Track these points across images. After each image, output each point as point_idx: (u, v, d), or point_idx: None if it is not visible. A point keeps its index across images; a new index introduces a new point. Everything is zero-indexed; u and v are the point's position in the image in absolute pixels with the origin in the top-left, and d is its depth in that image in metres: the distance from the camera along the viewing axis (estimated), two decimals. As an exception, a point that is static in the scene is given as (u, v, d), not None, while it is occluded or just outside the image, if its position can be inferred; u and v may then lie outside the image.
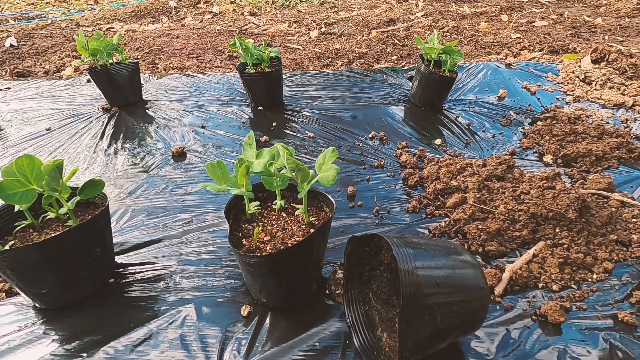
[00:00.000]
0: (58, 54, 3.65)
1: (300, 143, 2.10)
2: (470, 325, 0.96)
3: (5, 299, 1.24)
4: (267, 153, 1.09)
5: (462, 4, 5.04)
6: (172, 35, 4.12)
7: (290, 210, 1.21)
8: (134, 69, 2.51)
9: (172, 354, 1.05)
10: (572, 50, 3.27)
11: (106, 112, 2.49)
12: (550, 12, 4.55)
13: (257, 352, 1.05)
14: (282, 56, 3.39)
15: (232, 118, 2.37)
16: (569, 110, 2.29)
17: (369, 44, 3.64)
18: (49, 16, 5.16)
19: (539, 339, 1.07)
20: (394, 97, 2.58)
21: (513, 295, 1.21)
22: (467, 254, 0.99)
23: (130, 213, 1.60)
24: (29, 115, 2.49)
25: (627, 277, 1.25)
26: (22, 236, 1.17)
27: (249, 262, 1.04)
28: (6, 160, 2.04)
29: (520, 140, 2.08)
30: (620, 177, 1.75)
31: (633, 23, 3.94)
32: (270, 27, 4.38)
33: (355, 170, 1.85)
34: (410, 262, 0.86)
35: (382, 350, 1.02)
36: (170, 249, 1.41)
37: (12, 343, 1.10)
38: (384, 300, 1.12)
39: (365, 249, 1.13)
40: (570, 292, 1.20)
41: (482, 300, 0.94)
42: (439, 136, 2.13)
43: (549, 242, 1.36)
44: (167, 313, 1.17)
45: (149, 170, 1.90)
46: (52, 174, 1.08)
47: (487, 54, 3.33)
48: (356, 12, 4.86)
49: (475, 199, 1.53)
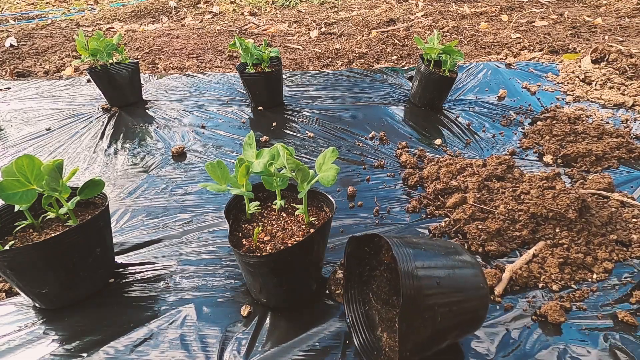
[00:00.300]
0: (58, 54, 3.65)
1: (300, 143, 2.10)
2: (470, 325, 0.96)
3: (5, 299, 1.24)
4: (267, 153, 1.09)
5: (462, 4, 5.04)
6: (172, 35, 4.12)
7: (290, 210, 1.21)
8: (134, 69, 2.51)
9: (172, 354, 1.05)
10: (572, 50, 3.27)
11: (106, 112, 2.49)
12: (550, 12, 4.56)
13: (257, 352, 1.05)
14: (282, 56, 3.39)
15: (232, 118, 2.37)
16: (569, 110, 2.29)
17: (369, 44, 3.64)
18: (49, 16, 5.16)
19: (539, 339, 1.07)
20: (394, 97, 2.58)
21: (513, 295, 1.21)
22: (467, 254, 0.99)
23: (130, 213, 1.60)
24: (29, 115, 2.49)
25: (627, 277, 1.25)
26: (22, 236, 1.17)
27: (249, 262, 1.04)
28: (6, 160, 2.04)
29: (520, 140, 2.08)
30: (620, 177, 1.75)
31: (633, 23, 3.94)
32: (270, 27, 4.38)
33: (355, 170, 1.85)
34: (410, 262, 0.86)
35: (382, 350, 1.02)
36: (170, 249, 1.41)
37: (12, 343, 1.10)
38: (384, 300, 1.12)
39: (365, 249, 1.13)
40: (570, 292, 1.20)
41: (482, 300, 0.94)
42: (439, 136, 2.13)
43: (549, 242, 1.36)
44: (167, 313, 1.17)
45: (149, 170, 1.90)
46: (52, 174, 1.08)
47: (487, 54, 3.33)
48: (356, 12, 4.86)
49: (475, 199, 1.53)
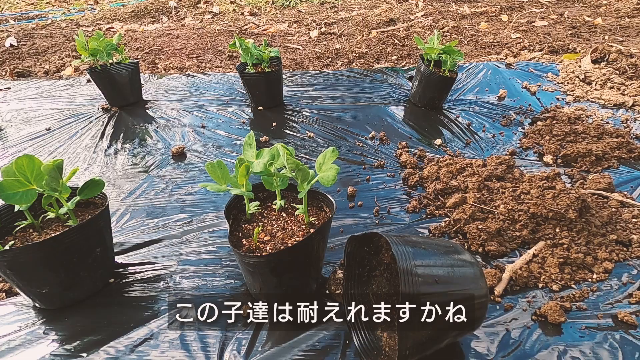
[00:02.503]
0: (58, 54, 3.65)
1: (300, 143, 2.10)
2: (469, 324, 0.95)
3: (5, 299, 1.24)
4: (267, 153, 1.09)
5: (462, 4, 5.04)
6: (172, 35, 4.12)
7: (290, 210, 1.21)
8: (134, 69, 2.51)
9: (172, 354, 1.05)
10: (572, 50, 3.26)
11: (106, 112, 2.49)
12: (550, 12, 4.55)
13: (257, 352, 1.05)
14: (282, 56, 3.39)
15: (232, 118, 2.37)
16: (569, 110, 2.29)
17: (369, 44, 3.64)
18: (49, 16, 5.16)
19: (539, 339, 1.07)
20: (394, 97, 2.58)
21: (513, 295, 1.21)
22: (466, 253, 0.99)
23: (130, 213, 1.60)
24: (29, 115, 2.49)
25: (627, 277, 1.25)
26: (22, 236, 1.17)
27: (249, 262, 1.04)
28: (6, 160, 2.04)
29: (520, 140, 2.08)
30: (620, 177, 1.75)
31: (633, 23, 3.94)
32: (270, 27, 4.38)
33: (355, 170, 1.85)
34: (409, 261, 0.86)
35: (382, 350, 1.02)
36: (170, 249, 1.41)
37: (12, 343, 1.10)
38: (384, 300, 1.12)
39: (365, 248, 1.13)
40: (570, 292, 1.20)
41: (482, 299, 0.94)
42: (439, 136, 2.13)
43: (549, 242, 1.36)
44: (167, 313, 1.17)
45: (149, 170, 1.90)
46: (52, 174, 1.08)
47: (487, 54, 3.33)
48: (356, 12, 4.86)
49: (476, 198, 1.53)
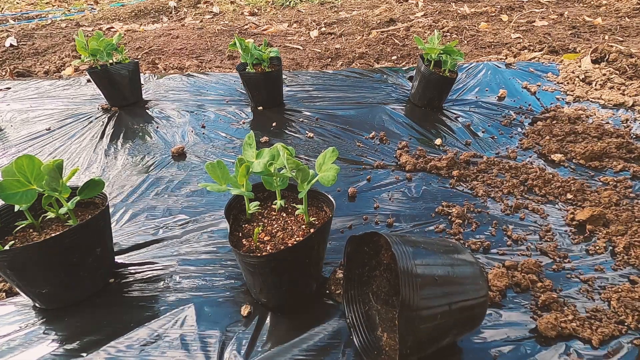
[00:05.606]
0: (58, 54, 3.65)
1: (300, 143, 2.10)
2: (469, 324, 0.95)
3: (5, 299, 1.24)
4: (267, 153, 1.09)
5: (462, 4, 5.04)
6: (172, 35, 4.12)
7: (290, 210, 1.21)
8: (134, 69, 2.51)
9: (172, 354, 1.05)
10: (572, 50, 3.27)
11: (106, 112, 2.49)
12: (550, 12, 4.56)
13: (257, 352, 1.05)
14: (282, 56, 3.39)
15: (232, 118, 2.37)
16: (569, 110, 2.29)
17: (369, 44, 3.64)
18: (49, 16, 5.16)
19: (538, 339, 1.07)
20: (394, 97, 2.58)
21: (513, 295, 1.21)
22: (466, 253, 0.99)
23: (130, 213, 1.60)
24: (29, 115, 2.49)
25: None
26: (22, 236, 1.17)
27: (249, 262, 1.04)
28: (6, 160, 2.04)
29: (520, 140, 2.08)
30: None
31: (633, 23, 3.95)
32: (270, 27, 4.38)
33: (356, 170, 1.85)
34: (409, 260, 0.86)
35: (382, 349, 1.02)
36: (170, 249, 1.41)
37: (12, 343, 1.10)
38: (384, 300, 1.12)
39: (365, 249, 1.13)
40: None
41: (481, 298, 0.94)
42: (439, 136, 2.13)
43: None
44: (167, 313, 1.17)
45: (149, 170, 1.90)
46: (52, 174, 1.08)
47: (487, 54, 3.33)
48: (356, 12, 4.86)
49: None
